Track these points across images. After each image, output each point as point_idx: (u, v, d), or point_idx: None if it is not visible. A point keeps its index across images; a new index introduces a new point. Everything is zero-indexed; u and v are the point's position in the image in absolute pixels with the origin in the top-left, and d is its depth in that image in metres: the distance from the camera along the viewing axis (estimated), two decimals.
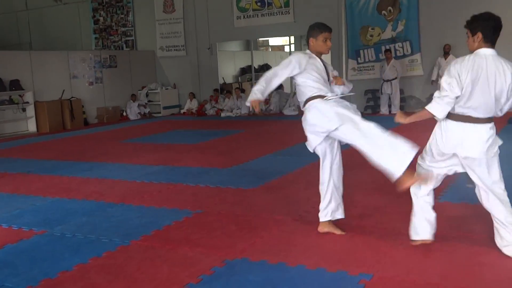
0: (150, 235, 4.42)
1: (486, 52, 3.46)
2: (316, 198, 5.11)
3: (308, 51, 4.24)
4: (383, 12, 13.31)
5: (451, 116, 3.52)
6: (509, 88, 3.42)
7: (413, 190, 3.83)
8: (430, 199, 3.83)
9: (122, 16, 17.25)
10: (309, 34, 4.20)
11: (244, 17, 15.17)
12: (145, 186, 6.29)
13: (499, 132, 3.60)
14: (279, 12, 14.66)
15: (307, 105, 4.09)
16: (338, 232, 4.18)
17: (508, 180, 5.30)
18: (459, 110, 3.48)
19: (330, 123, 3.88)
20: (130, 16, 17.12)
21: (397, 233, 4.13)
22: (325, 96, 4.02)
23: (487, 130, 3.49)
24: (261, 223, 4.61)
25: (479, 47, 3.48)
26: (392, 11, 13.20)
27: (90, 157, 8.71)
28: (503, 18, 3.60)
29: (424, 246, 3.81)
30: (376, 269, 3.47)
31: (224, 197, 5.62)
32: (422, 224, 3.79)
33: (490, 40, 3.47)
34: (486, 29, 3.47)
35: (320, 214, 4.22)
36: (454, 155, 3.59)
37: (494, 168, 3.57)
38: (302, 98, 4.17)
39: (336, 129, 3.85)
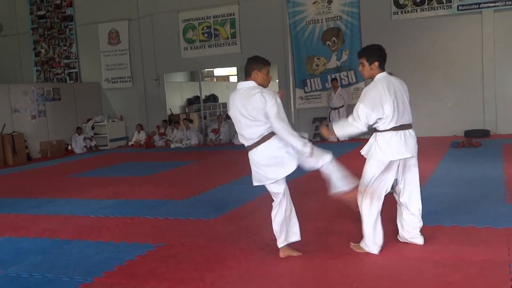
0: (113, 271, 4.25)
1: (383, 75, 4.21)
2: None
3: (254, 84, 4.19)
4: (328, 42, 13.72)
5: (392, 128, 4.12)
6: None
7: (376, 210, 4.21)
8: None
9: (65, 48, 16.89)
10: (253, 67, 4.19)
11: (191, 48, 15.22)
12: (101, 221, 6.07)
13: (443, 156, 4.10)
14: (226, 43, 14.82)
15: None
16: (295, 253, 4.29)
17: (453, 200, 5.50)
18: (397, 123, 4.10)
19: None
20: (74, 48, 16.79)
21: (364, 256, 4.17)
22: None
23: (414, 132, 4.25)
24: (228, 254, 4.54)
25: (376, 73, 4.22)
26: (336, 41, 13.64)
27: (37, 193, 8.35)
28: (439, 49, 4.00)
29: (394, 268, 3.87)
30: None
31: (185, 228, 5.51)
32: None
33: (383, 66, 4.24)
34: (381, 58, 4.24)
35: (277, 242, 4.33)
36: (395, 162, 4.15)
37: None
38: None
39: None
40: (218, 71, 23.25)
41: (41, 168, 11.77)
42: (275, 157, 4.09)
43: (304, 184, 7.10)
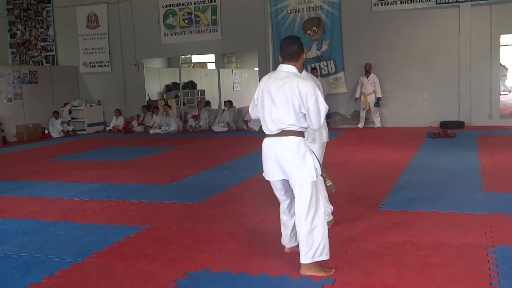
0: (103, 252, 4.31)
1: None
2: (264, 210, 5.25)
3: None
4: (308, 32, 13.82)
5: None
6: None
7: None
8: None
9: (42, 30, 16.61)
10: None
11: (171, 34, 15.14)
12: (86, 204, 6.09)
13: (420, 146, 3.97)
14: (206, 29, 14.78)
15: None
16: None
17: (431, 188, 5.68)
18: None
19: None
20: (51, 31, 16.52)
21: (349, 241, 4.32)
22: None
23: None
24: (215, 236, 4.63)
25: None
26: (316, 31, 13.75)
27: (17, 176, 8.28)
28: (417, 41, 3.94)
29: (377, 251, 4.02)
30: (336, 274, 3.61)
31: (171, 212, 5.58)
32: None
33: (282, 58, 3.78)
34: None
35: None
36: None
37: None
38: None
39: None
40: (196, 58, 23.17)
41: (19, 152, 11.63)
42: None
43: None
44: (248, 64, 22.58)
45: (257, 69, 15.35)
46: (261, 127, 3.86)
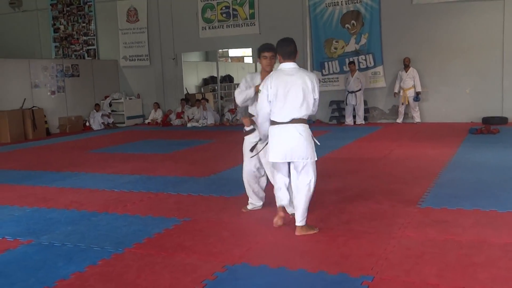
0: (143, 242, 4.38)
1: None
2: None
3: None
4: (347, 25, 13.66)
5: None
6: None
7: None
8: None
9: (84, 24, 16.96)
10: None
11: (209, 27, 15.22)
12: (125, 195, 6.21)
13: (462, 142, 3.91)
14: (244, 23, 14.79)
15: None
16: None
17: (474, 185, 5.53)
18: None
19: None
20: (92, 25, 16.86)
21: (388, 237, 4.27)
22: None
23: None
24: (253, 229, 4.66)
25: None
26: (355, 24, 13.58)
27: (60, 167, 8.51)
28: (459, 35, 3.87)
29: (418, 249, 3.95)
30: (375, 271, 3.57)
31: (209, 204, 5.63)
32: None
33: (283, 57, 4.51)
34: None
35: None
36: None
37: None
38: None
39: None
40: (233, 52, 23.21)
41: (61, 143, 11.95)
42: None
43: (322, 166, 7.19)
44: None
45: None
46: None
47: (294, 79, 4.29)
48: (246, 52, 23.75)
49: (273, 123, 4.38)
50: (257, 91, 4.62)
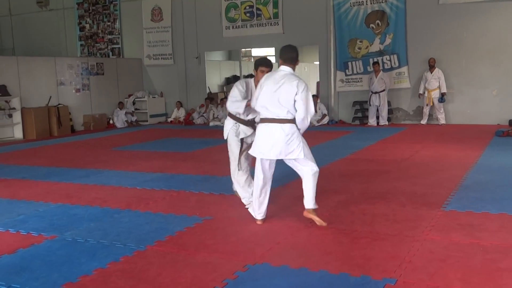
0: (164, 240, 4.40)
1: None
2: (324, 205, 5.20)
3: None
4: (371, 25, 13.54)
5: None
6: None
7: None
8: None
9: (109, 23, 17.16)
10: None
11: (232, 27, 15.25)
12: (148, 193, 6.25)
13: (488, 145, 3.82)
14: (268, 23, 14.78)
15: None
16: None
17: (500, 188, 5.34)
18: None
19: None
20: (117, 24, 17.05)
21: (411, 240, 4.20)
22: None
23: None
24: (274, 230, 4.64)
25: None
26: (380, 24, 13.45)
27: (84, 164, 8.62)
28: (486, 35, 3.76)
29: (442, 252, 3.89)
30: (398, 274, 3.52)
31: (231, 204, 5.63)
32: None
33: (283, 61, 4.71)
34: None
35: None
36: None
37: None
38: None
39: None
40: (256, 51, 23.22)
41: (86, 140, 12.10)
42: None
43: (345, 167, 7.13)
44: (308, 58, 22.36)
45: (317, 63, 15.20)
46: None
47: (283, 81, 4.51)
48: (269, 52, 23.75)
49: (261, 120, 4.72)
50: (248, 105, 4.95)
